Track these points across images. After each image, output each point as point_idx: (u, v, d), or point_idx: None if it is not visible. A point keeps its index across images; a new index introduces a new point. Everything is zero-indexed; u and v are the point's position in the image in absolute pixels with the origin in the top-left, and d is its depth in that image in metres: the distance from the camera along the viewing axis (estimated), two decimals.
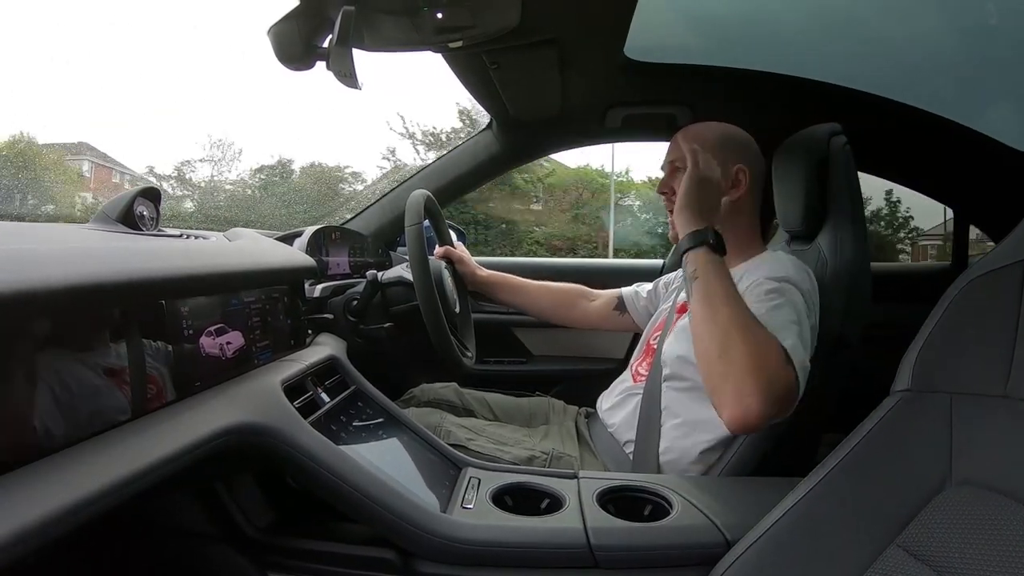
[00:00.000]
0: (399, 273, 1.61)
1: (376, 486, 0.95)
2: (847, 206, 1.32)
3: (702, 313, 1.09)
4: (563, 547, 0.95)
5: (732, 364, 1.03)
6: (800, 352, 1.08)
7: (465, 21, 1.25)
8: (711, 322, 1.07)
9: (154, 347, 0.84)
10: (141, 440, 0.74)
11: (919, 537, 0.74)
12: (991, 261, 0.82)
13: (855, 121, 1.41)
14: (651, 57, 1.68)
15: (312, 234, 1.69)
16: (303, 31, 1.14)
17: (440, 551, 0.94)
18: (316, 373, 1.21)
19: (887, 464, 0.81)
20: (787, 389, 1.03)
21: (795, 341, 1.08)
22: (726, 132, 1.39)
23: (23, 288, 0.62)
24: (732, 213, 1.36)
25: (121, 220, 1.14)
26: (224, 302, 1.04)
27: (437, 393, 1.67)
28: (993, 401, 0.76)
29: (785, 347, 1.06)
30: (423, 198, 1.52)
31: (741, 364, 1.02)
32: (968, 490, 0.74)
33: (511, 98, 1.81)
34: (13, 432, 0.62)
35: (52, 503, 0.58)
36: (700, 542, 0.96)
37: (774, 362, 1.03)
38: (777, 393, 1.01)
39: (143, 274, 0.83)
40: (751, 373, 1.01)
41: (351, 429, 1.12)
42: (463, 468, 1.18)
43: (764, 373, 1.01)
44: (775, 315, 1.12)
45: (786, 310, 1.14)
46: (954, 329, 0.83)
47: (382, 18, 1.19)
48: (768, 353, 1.03)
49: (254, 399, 0.97)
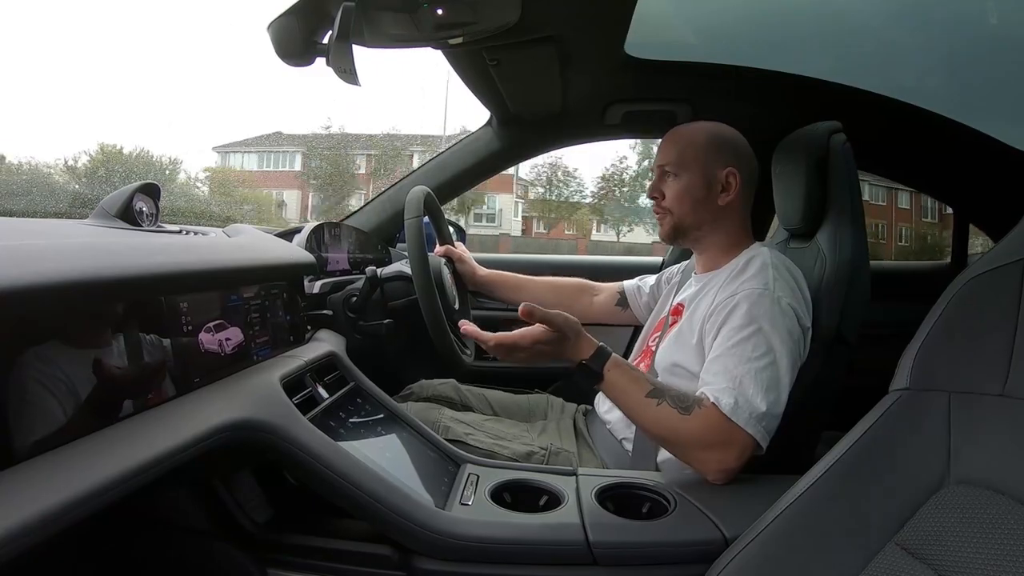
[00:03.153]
0: (398, 268, 1.61)
1: (375, 482, 0.95)
2: (846, 204, 1.32)
3: (627, 414, 1.21)
4: (561, 544, 0.96)
5: (673, 447, 1.17)
6: (745, 407, 1.12)
7: (465, 17, 1.25)
8: (639, 421, 1.19)
9: (153, 343, 0.84)
10: (140, 436, 0.74)
11: (917, 535, 0.74)
12: (990, 260, 0.82)
13: (855, 119, 1.41)
14: (651, 54, 1.67)
15: (311, 230, 1.69)
16: (303, 27, 1.14)
17: (438, 547, 0.94)
18: (315, 369, 1.21)
19: (885, 462, 0.81)
20: (738, 448, 1.11)
21: (739, 394, 1.13)
22: (716, 134, 1.38)
23: (23, 283, 0.62)
24: (721, 215, 1.36)
25: (120, 216, 1.14)
26: (223, 298, 1.04)
27: (436, 389, 1.67)
28: (992, 400, 0.76)
29: (723, 410, 1.11)
30: (423, 194, 1.52)
31: (679, 447, 1.15)
32: (966, 489, 0.74)
33: (511, 95, 1.80)
34: (12, 427, 0.62)
35: (52, 499, 0.58)
36: (698, 539, 0.96)
37: (712, 434, 1.11)
38: (727, 458, 1.11)
39: (142, 270, 0.83)
40: (690, 451, 1.14)
41: (350, 425, 1.13)
42: (462, 464, 1.18)
43: (701, 451, 1.12)
44: (735, 353, 1.17)
45: (751, 344, 1.17)
46: (953, 328, 0.82)
47: (382, 14, 1.19)
48: (702, 428, 1.11)
49: (253, 395, 0.97)
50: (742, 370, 1.14)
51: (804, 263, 1.34)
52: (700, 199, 1.34)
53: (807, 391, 1.22)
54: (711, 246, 1.40)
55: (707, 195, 1.34)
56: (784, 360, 1.17)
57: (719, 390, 1.13)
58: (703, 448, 1.11)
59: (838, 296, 1.27)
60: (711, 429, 1.11)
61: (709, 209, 1.35)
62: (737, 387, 1.13)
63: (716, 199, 1.34)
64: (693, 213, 1.35)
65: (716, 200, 1.34)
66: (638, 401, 1.14)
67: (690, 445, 1.12)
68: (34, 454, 0.64)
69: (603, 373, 1.15)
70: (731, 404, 1.11)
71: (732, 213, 1.36)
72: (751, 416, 1.11)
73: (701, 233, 1.38)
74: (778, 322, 1.18)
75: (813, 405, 1.26)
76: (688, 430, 1.11)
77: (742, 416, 1.10)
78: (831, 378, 1.28)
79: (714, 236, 1.38)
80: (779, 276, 1.24)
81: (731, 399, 1.11)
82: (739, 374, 1.14)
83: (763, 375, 1.14)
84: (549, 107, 1.93)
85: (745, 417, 1.10)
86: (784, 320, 1.19)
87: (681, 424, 1.11)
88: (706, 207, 1.35)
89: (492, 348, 1.19)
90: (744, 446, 1.11)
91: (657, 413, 1.12)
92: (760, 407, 1.11)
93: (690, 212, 1.35)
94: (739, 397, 1.11)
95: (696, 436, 1.11)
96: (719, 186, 1.34)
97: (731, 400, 1.11)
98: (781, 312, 1.19)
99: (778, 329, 1.18)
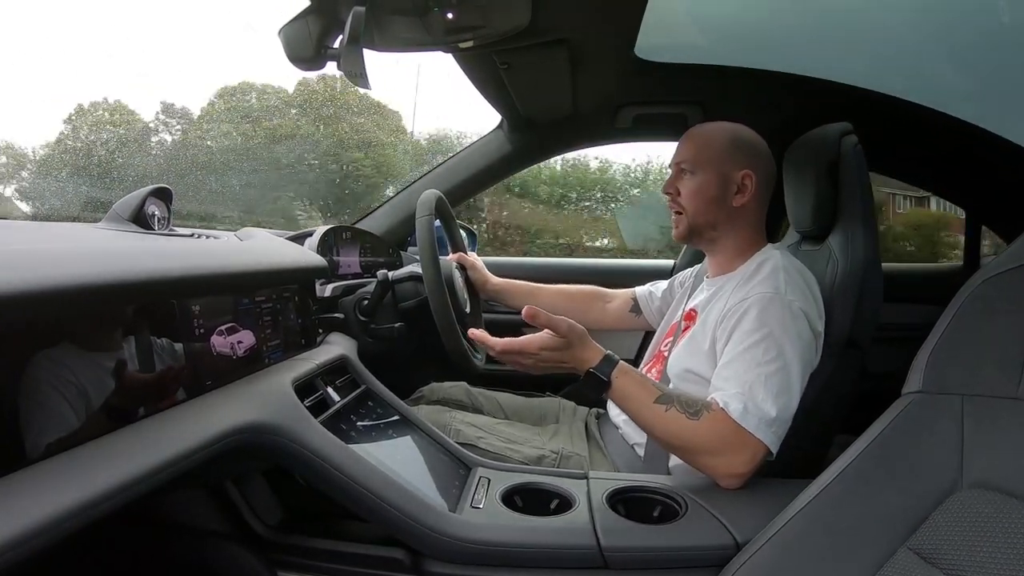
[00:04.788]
0: (409, 270, 1.62)
1: (386, 485, 0.95)
2: (858, 206, 1.31)
3: (636, 421, 1.20)
4: (573, 548, 0.95)
5: (683, 453, 1.16)
6: (754, 412, 1.11)
7: (476, 21, 1.25)
8: (648, 427, 1.18)
9: (165, 346, 0.85)
10: (152, 438, 0.75)
11: (930, 540, 0.74)
12: (1003, 262, 0.81)
13: (866, 121, 1.40)
14: (662, 57, 1.67)
15: (323, 234, 1.69)
16: (314, 31, 1.15)
17: (449, 551, 0.94)
18: (326, 372, 1.21)
19: (898, 466, 0.80)
20: (748, 454, 1.11)
21: (748, 399, 1.12)
22: (735, 135, 1.37)
23: (36, 287, 0.63)
24: (736, 217, 1.35)
25: (133, 220, 1.15)
26: (235, 301, 1.05)
27: (447, 392, 1.67)
28: (1005, 403, 0.75)
29: (732, 415, 1.10)
30: (434, 196, 1.53)
31: (689, 453, 1.14)
32: (979, 493, 0.73)
33: (521, 98, 1.81)
34: (26, 429, 0.63)
35: (65, 499, 0.59)
36: (710, 543, 0.96)
37: (720, 440, 1.11)
38: (736, 463, 1.11)
39: (154, 274, 0.83)
40: (700, 457, 1.13)
41: (361, 428, 1.13)
42: (473, 468, 1.18)
43: (711, 457, 1.12)
44: (745, 358, 1.17)
45: (761, 349, 1.17)
46: (966, 330, 0.82)
47: (392, 18, 1.20)
48: (710, 433, 1.11)
49: (265, 398, 0.97)
50: (752, 375, 1.14)
51: (816, 266, 1.34)
52: (714, 198, 1.33)
53: (820, 394, 1.21)
54: (724, 248, 1.39)
55: (722, 195, 1.33)
56: (795, 365, 1.16)
57: (729, 395, 1.12)
58: (712, 454, 1.11)
59: (850, 299, 1.26)
60: (720, 434, 1.10)
61: (723, 209, 1.34)
62: (747, 392, 1.12)
63: (731, 200, 1.33)
64: (706, 212, 1.35)
65: (731, 201, 1.33)
66: (647, 407, 1.13)
67: (699, 451, 1.12)
68: (46, 456, 0.64)
69: (611, 380, 1.14)
70: (740, 409, 1.10)
71: (746, 215, 1.36)
72: (761, 421, 1.10)
73: (716, 234, 1.37)
74: (789, 326, 1.18)
75: (825, 408, 1.26)
76: (697, 435, 1.11)
77: (751, 422, 1.10)
78: (844, 381, 1.27)
79: (727, 238, 1.37)
80: (790, 280, 1.23)
81: (740, 404, 1.11)
82: (749, 379, 1.14)
83: (773, 380, 1.13)
84: (560, 110, 1.94)
85: (755, 423, 1.10)
86: (795, 324, 1.18)
87: (690, 429, 1.11)
88: (720, 207, 1.34)
89: (499, 354, 1.19)
90: (754, 451, 1.10)
91: (666, 419, 1.12)
92: (770, 412, 1.11)
93: (703, 211, 1.35)
94: (748, 402, 1.11)
95: (705, 441, 1.11)
96: (734, 187, 1.33)
97: (740, 405, 1.10)
98: (792, 316, 1.18)
99: (789, 333, 1.17)
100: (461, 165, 2.16)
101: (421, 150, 6.89)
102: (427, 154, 6.88)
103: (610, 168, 6.54)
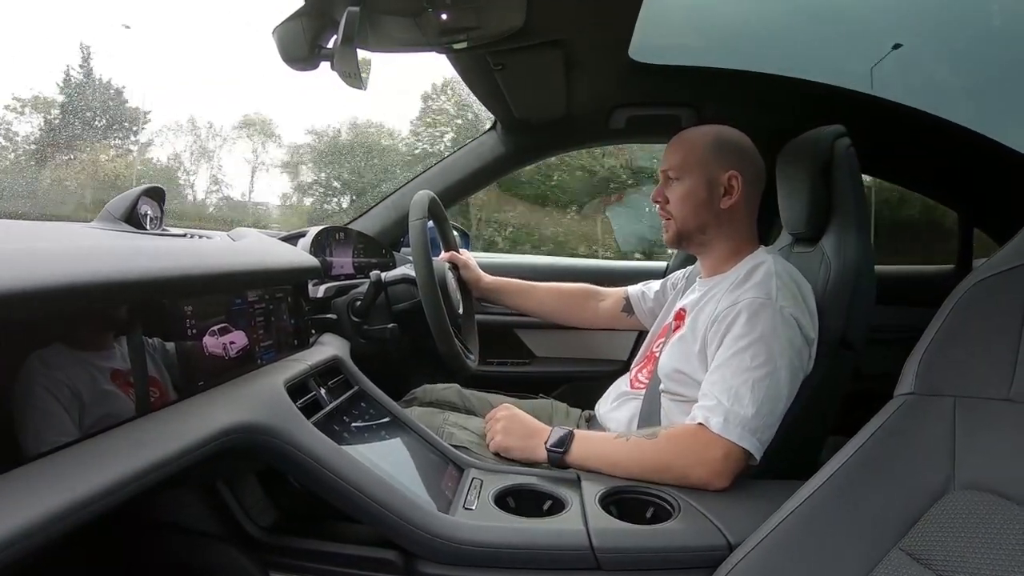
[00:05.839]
0: (402, 272, 1.61)
1: (378, 486, 0.95)
2: (851, 208, 1.31)
3: (608, 468, 1.19)
4: (565, 549, 0.95)
5: (660, 474, 1.14)
6: (735, 421, 1.12)
7: (470, 22, 1.25)
8: (622, 466, 1.18)
9: (157, 346, 0.85)
10: (144, 439, 0.74)
11: (922, 541, 0.74)
12: (996, 264, 0.82)
13: (859, 123, 1.40)
14: (656, 59, 1.67)
15: (316, 234, 1.69)
16: (308, 32, 1.14)
17: (442, 552, 0.94)
18: (319, 373, 1.21)
19: (890, 468, 0.81)
20: (720, 452, 1.12)
21: (730, 408, 1.13)
22: (718, 136, 1.37)
23: (28, 287, 0.62)
24: (726, 219, 1.35)
25: (125, 219, 1.15)
26: (228, 302, 1.04)
27: (439, 394, 1.66)
28: (997, 405, 0.76)
29: (712, 429, 1.12)
30: (428, 197, 1.52)
31: (664, 470, 1.14)
32: (971, 494, 0.74)
33: (515, 99, 1.81)
34: (16, 429, 0.63)
35: (56, 500, 0.58)
36: (702, 545, 0.96)
37: (694, 449, 1.13)
38: (707, 460, 1.12)
39: (147, 273, 0.83)
40: (675, 470, 1.13)
41: (353, 429, 1.12)
42: (465, 469, 1.18)
43: (685, 467, 1.12)
44: (732, 364, 1.18)
45: (749, 354, 1.17)
46: (958, 332, 0.82)
47: (387, 19, 1.20)
48: (670, 442, 1.15)
49: (257, 399, 0.97)
50: (739, 380, 1.14)
51: (809, 268, 1.34)
52: (702, 202, 1.33)
53: (812, 396, 1.22)
54: (715, 251, 1.39)
55: (709, 198, 1.33)
56: (784, 371, 1.16)
57: (708, 408, 1.14)
58: (684, 463, 1.12)
59: (843, 301, 1.26)
60: (683, 442, 1.14)
61: (711, 212, 1.34)
62: (731, 399, 1.13)
63: (718, 202, 1.33)
64: (695, 217, 1.34)
65: (718, 203, 1.33)
66: (609, 443, 1.20)
67: (671, 465, 1.13)
68: (37, 456, 0.64)
69: (572, 433, 1.23)
70: (720, 423, 1.11)
71: (736, 217, 1.36)
72: (744, 428, 1.11)
73: (705, 237, 1.37)
74: (780, 332, 1.17)
75: (818, 410, 1.26)
76: (660, 451, 1.14)
77: (734, 431, 1.10)
78: (836, 383, 1.28)
79: (718, 240, 1.37)
80: (783, 286, 1.23)
81: (720, 417, 1.11)
82: (735, 384, 1.14)
83: (760, 385, 1.14)
84: (554, 111, 1.94)
85: (738, 432, 1.10)
86: (786, 330, 1.18)
87: (652, 448, 1.15)
88: (708, 210, 1.34)
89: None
90: (725, 450, 1.11)
91: (629, 447, 1.16)
92: (752, 418, 1.11)
93: (692, 216, 1.35)
94: (729, 412, 1.11)
95: (670, 453, 1.14)
96: (721, 189, 1.32)
97: (720, 419, 1.11)
98: (783, 322, 1.18)
99: (779, 339, 1.17)
100: (454, 166, 2.16)
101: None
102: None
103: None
